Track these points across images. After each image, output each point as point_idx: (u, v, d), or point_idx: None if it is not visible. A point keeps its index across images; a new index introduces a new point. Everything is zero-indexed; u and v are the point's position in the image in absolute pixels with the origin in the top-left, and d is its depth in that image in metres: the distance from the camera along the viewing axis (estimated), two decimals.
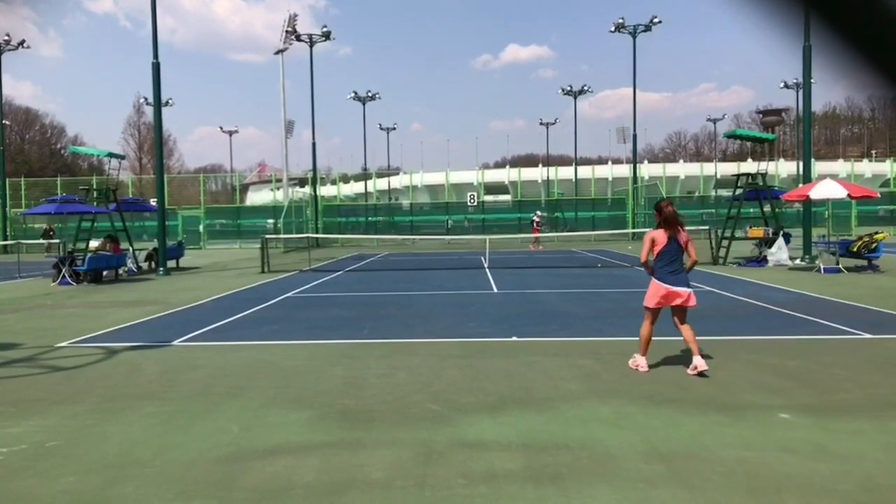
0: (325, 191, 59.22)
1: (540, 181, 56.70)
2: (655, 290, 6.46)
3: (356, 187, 61.84)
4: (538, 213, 32.61)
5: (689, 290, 6.39)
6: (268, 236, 21.54)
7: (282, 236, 29.47)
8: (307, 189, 43.39)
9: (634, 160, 41.91)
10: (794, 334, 8.46)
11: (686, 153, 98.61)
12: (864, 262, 16.95)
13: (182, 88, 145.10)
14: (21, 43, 35.77)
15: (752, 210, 25.14)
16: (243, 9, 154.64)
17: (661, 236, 6.47)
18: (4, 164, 36.35)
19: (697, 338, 6.37)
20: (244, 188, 68.05)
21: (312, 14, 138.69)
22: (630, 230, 35.60)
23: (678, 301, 6.36)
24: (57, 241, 25.48)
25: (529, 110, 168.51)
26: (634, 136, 40.27)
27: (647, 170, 60.80)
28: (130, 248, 20.37)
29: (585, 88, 51.14)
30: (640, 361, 6.56)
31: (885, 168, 59.33)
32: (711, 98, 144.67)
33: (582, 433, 4.70)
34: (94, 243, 18.81)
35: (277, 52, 39.69)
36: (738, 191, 20.53)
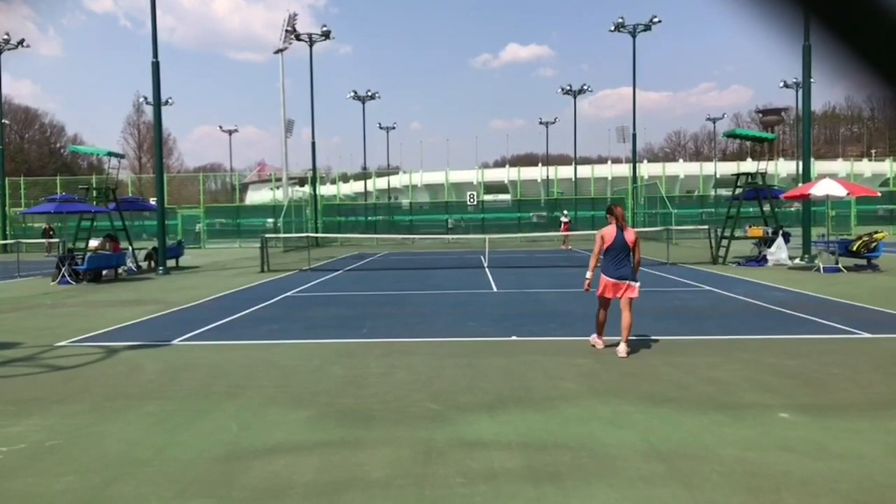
0: (325, 190, 59.20)
1: (539, 180, 56.72)
2: (601, 282, 7.30)
3: (356, 186, 61.87)
4: (565, 212, 32.83)
5: (631, 282, 7.16)
6: (267, 235, 21.54)
7: (281, 235, 29.45)
8: (307, 188, 43.36)
9: (634, 160, 41.88)
10: (794, 334, 8.47)
11: (686, 152, 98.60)
12: (864, 262, 16.95)
13: (182, 87, 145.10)
14: (21, 42, 35.72)
15: (751, 209, 25.13)
16: (243, 7, 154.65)
17: (610, 232, 7.23)
18: (4, 163, 36.33)
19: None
20: (244, 187, 68.00)
21: (312, 13, 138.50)
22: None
23: (621, 292, 7.16)
24: (57, 240, 25.47)
25: (529, 109, 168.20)
26: (634, 136, 40.24)
27: (646, 169, 60.80)
28: (130, 248, 20.37)
29: (585, 88, 51.07)
30: (595, 341, 7.51)
31: (885, 167, 59.37)
32: (711, 97, 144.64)
33: (581, 432, 4.70)
34: (93, 242, 18.81)
35: (277, 52, 39.70)
36: (738, 190, 20.52)
